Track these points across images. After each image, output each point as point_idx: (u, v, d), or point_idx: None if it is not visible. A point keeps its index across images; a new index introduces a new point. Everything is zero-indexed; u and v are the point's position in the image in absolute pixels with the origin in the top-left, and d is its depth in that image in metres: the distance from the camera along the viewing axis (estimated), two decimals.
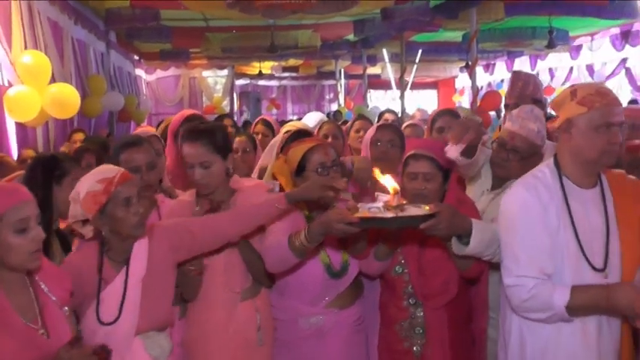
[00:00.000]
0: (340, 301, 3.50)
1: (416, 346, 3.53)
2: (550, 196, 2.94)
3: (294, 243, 3.12)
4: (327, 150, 3.44)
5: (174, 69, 21.02)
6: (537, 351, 3.02)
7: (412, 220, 2.85)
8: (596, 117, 2.83)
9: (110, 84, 12.26)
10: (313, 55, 17.64)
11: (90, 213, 2.93)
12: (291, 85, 26.53)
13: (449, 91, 26.73)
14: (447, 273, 3.45)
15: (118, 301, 3.00)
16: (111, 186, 2.92)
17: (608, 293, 2.71)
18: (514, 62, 21.07)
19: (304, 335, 3.46)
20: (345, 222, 2.87)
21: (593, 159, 2.91)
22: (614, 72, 16.23)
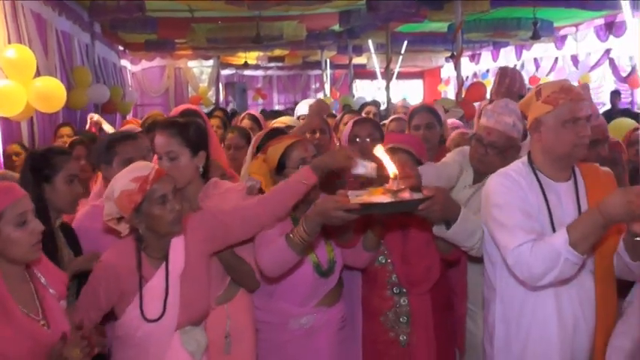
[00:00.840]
0: (328, 299, 3.51)
1: (402, 335, 3.60)
2: (527, 184, 3.02)
3: (293, 240, 3.09)
4: (307, 146, 3.46)
5: (159, 59, 20.90)
6: (520, 342, 3.08)
7: (411, 203, 2.87)
8: (561, 113, 2.92)
9: (95, 75, 12.19)
10: (299, 46, 17.62)
11: (125, 212, 2.92)
12: (277, 75, 26.50)
13: (435, 80, 26.79)
14: (429, 258, 3.53)
15: (161, 298, 3.00)
16: (146, 184, 2.90)
17: (599, 208, 2.67)
18: (500, 52, 21.16)
19: (294, 336, 3.46)
20: (343, 209, 2.86)
21: (565, 153, 2.98)
22: (598, 62, 16.38)
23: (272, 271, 3.25)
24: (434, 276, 3.60)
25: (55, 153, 3.45)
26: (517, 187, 3.01)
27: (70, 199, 3.42)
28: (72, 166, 3.44)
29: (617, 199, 2.60)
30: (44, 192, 3.35)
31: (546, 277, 2.82)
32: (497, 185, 3.08)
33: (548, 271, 2.79)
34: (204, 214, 3.26)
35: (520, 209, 2.95)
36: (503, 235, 2.96)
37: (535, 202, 3.00)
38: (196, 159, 3.39)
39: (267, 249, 3.21)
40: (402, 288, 3.60)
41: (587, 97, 3.67)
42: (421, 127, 4.75)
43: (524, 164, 3.11)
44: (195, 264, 3.12)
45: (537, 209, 2.99)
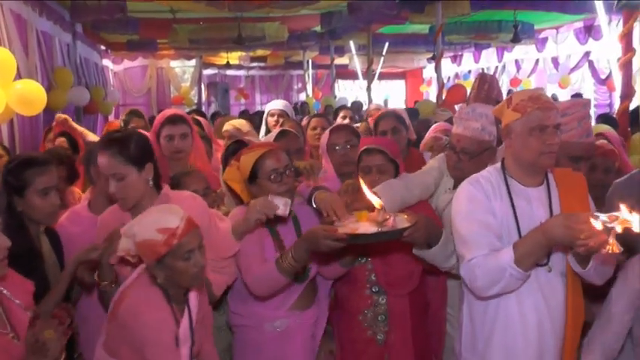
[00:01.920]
0: (301, 303, 3.58)
1: (379, 334, 3.68)
2: (494, 192, 3.09)
3: (281, 265, 3.22)
4: (279, 155, 3.46)
5: (141, 59, 20.82)
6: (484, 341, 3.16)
7: (395, 233, 2.98)
8: (529, 121, 2.97)
9: (77, 76, 12.12)
10: (281, 46, 17.61)
11: (146, 258, 2.84)
12: (260, 75, 26.44)
13: (417, 81, 26.89)
14: (410, 263, 3.59)
15: (187, 346, 2.91)
16: (173, 239, 2.78)
17: (543, 228, 2.78)
18: (481, 54, 21.30)
19: (269, 338, 3.53)
20: (332, 238, 2.99)
21: (531, 161, 3.03)
22: (577, 64, 16.53)
23: (263, 293, 3.39)
24: (414, 281, 3.68)
25: (28, 165, 3.36)
26: (482, 195, 3.08)
27: (46, 211, 3.38)
28: (46, 178, 3.37)
29: (558, 223, 2.71)
30: (17, 205, 3.33)
31: (492, 290, 2.95)
32: (463, 193, 3.15)
33: (493, 285, 2.93)
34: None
35: (479, 221, 3.03)
36: (460, 245, 3.08)
37: (500, 209, 3.05)
38: (144, 173, 3.30)
39: (257, 274, 3.30)
40: (380, 287, 3.67)
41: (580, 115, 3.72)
42: (387, 132, 4.85)
43: (497, 169, 3.17)
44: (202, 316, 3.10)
45: (503, 216, 3.04)
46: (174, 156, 4.52)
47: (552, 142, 2.96)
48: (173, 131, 4.52)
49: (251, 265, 3.33)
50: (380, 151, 3.68)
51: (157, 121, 4.65)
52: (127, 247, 2.87)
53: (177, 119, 4.58)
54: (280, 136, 4.57)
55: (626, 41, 7.56)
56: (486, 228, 3.01)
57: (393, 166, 3.71)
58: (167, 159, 4.50)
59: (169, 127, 4.54)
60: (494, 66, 21.17)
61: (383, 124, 4.91)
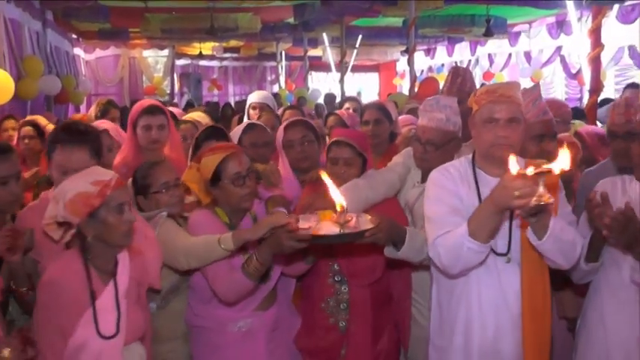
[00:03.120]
0: (264, 304, 3.59)
1: (341, 321, 3.75)
2: (462, 180, 3.15)
3: (247, 270, 3.23)
4: (241, 158, 3.43)
5: (113, 48, 20.64)
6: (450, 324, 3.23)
7: (357, 235, 3.04)
8: (482, 113, 3.05)
9: (47, 64, 12.00)
10: (254, 37, 17.56)
11: (77, 216, 2.76)
12: (233, 65, 26.29)
13: (390, 74, 26.88)
14: (374, 255, 3.62)
15: (113, 315, 2.90)
16: (107, 189, 2.77)
17: (490, 195, 2.78)
18: (454, 47, 21.36)
19: (232, 339, 3.53)
20: (295, 239, 3.04)
21: (484, 151, 3.11)
22: (549, 59, 16.66)
23: (232, 299, 3.38)
24: (376, 272, 3.73)
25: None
26: (450, 181, 3.15)
27: (6, 200, 3.29)
28: (5, 167, 3.28)
29: (499, 185, 2.70)
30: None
31: (457, 266, 3.00)
32: (432, 180, 3.23)
33: (456, 261, 2.96)
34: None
35: (446, 204, 3.09)
36: (428, 228, 3.12)
37: (466, 196, 3.11)
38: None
39: (224, 280, 3.30)
40: (343, 277, 3.74)
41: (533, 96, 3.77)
42: (370, 122, 4.92)
43: (468, 160, 3.23)
44: (135, 285, 3.08)
45: (469, 203, 3.08)
46: (151, 146, 4.49)
47: (503, 134, 2.99)
48: (151, 122, 4.51)
49: (218, 272, 3.31)
50: (348, 144, 3.72)
51: (135, 110, 4.62)
52: (53, 213, 2.81)
53: (155, 110, 4.56)
54: (248, 129, 4.55)
55: (594, 36, 7.66)
56: (453, 211, 3.06)
57: (361, 160, 3.75)
58: (142, 149, 4.48)
59: (147, 118, 4.52)
60: (467, 59, 21.23)
61: (367, 114, 5.00)
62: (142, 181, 3.60)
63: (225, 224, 3.46)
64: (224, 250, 3.18)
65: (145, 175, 3.65)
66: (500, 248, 3.08)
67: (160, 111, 4.57)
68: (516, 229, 3.08)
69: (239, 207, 3.44)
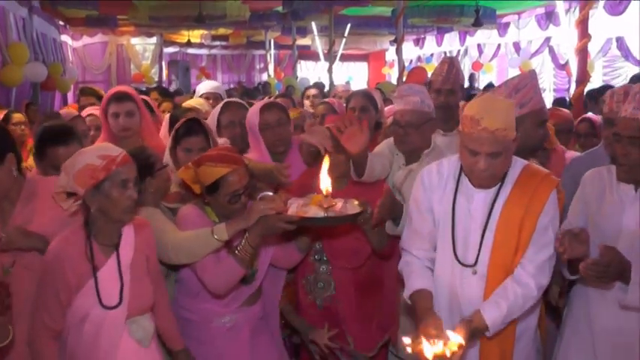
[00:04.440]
0: (249, 301, 3.65)
1: (318, 299, 3.92)
2: (440, 184, 3.18)
3: (239, 257, 3.27)
4: (242, 175, 3.39)
5: (101, 35, 20.47)
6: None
7: (344, 218, 3.14)
8: (464, 140, 2.95)
9: (33, 51, 11.91)
10: (242, 26, 17.48)
11: (82, 187, 2.88)
12: (222, 54, 26.19)
13: (380, 63, 26.88)
14: (357, 241, 3.76)
15: (116, 286, 3.02)
16: (112, 164, 2.90)
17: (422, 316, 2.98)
18: (444, 37, 21.36)
19: (218, 332, 3.59)
20: (284, 221, 3.12)
21: (465, 171, 3.09)
22: (538, 50, 16.70)
23: (221, 289, 3.40)
24: (359, 258, 3.83)
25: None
26: (425, 192, 3.19)
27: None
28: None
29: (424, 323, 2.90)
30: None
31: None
32: (416, 182, 3.27)
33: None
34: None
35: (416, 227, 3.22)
36: (405, 230, 3.30)
37: (441, 201, 3.15)
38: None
39: (213, 270, 3.31)
40: (322, 256, 3.87)
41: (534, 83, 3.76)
42: (356, 109, 4.92)
43: (459, 161, 3.16)
44: (141, 258, 3.15)
45: (442, 208, 3.14)
46: (121, 134, 4.49)
47: (482, 168, 2.93)
48: (119, 109, 4.50)
49: (206, 264, 3.32)
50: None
51: (104, 98, 4.63)
52: (63, 183, 2.93)
53: (123, 97, 4.55)
54: (225, 108, 4.53)
55: (582, 28, 7.66)
56: (417, 232, 3.21)
57: None
58: (117, 137, 4.45)
59: (115, 105, 4.52)
60: (456, 50, 21.26)
61: (353, 101, 5.01)
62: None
63: (214, 222, 3.45)
64: (217, 241, 3.21)
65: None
66: (467, 260, 3.09)
67: (129, 97, 4.56)
68: (489, 240, 3.06)
69: (228, 217, 3.41)
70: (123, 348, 3.06)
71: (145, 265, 3.18)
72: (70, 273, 2.93)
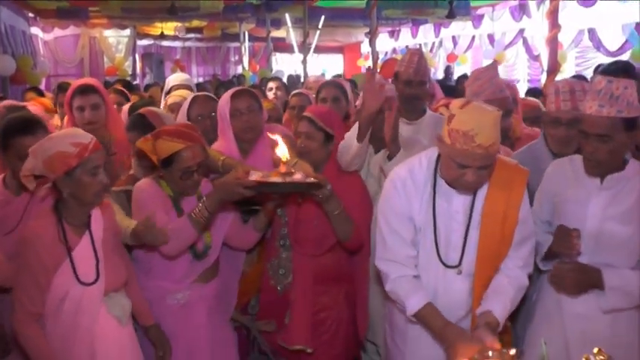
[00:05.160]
0: (204, 277, 3.68)
1: (279, 285, 3.98)
2: (417, 193, 3.11)
3: (195, 219, 3.34)
4: (196, 153, 3.45)
5: (73, 28, 20.20)
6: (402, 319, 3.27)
7: (302, 186, 3.30)
8: (453, 154, 2.86)
9: (1, 44, 11.77)
10: (216, 17, 17.40)
11: (54, 172, 2.96)
12: (196, 46, 26.03)
13: (355, 55, 26.85)
14: (322, 228, 3.80)
15: (92, 263, 3.12)
16: (85, 152, 2.98)
17: (442, 329, 2.96)
18: (419, 29, 21.39)
19: (171, 310, 3.60)
20: (242, 185, 3.23)
21: (447, 180, 3.05)
22: (512, 41, 16.81)
23: (173, 250, 3.44)
24: (322, 246, 3.86)
25: None
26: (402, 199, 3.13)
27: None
28: None
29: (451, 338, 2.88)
30: None
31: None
32: (386, 191, 3.21)
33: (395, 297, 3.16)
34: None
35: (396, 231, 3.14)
36: (378, 238, 3.24)
37: (421, 207, 3.11)
38: None
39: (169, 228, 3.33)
40: (286, 241, 3.95)
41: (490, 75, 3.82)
42: (328, 99, 4.94)
43: (431, 163, 3.14)
44: (111, 235, 3.27)
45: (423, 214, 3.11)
46: (86, 127, 4.36)
47: (468, 180, 2.90)
48: (83, 102, 4.48)
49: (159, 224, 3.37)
50: (309, 119, 3.90)
51: (69, 91, 4.58)
52: (31, 166, 2.98)
53: (87, 89, 4.52)
54: (193, 102, 4.47)
55: (552, 19, 7.71)
56: (400, 238, 3.13)
57: (322, 134, 3.87)
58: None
59: (79, 98, 4.49)
60: (431, 41, 21.33)
61: (325, 91, 5.02)
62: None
63: (169, 196, 3.55)
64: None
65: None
66: (451, 260, 3.10)
67: (93, 90, 4.53)
68: (473, 239, 3.08)
69: (181, 192, 3.55)
70: (102, 325, 3.14)
71: (113, 242, 3.28)
72: (45, 255, 3.01)
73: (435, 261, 3.10)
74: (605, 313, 3.16)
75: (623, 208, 3.15)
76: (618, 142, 3.03)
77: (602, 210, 3.18)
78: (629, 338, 3.21)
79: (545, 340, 2.49)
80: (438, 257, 3.10)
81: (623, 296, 3.11)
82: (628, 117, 3.00)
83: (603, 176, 3.18)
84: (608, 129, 3.00)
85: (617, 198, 3.17)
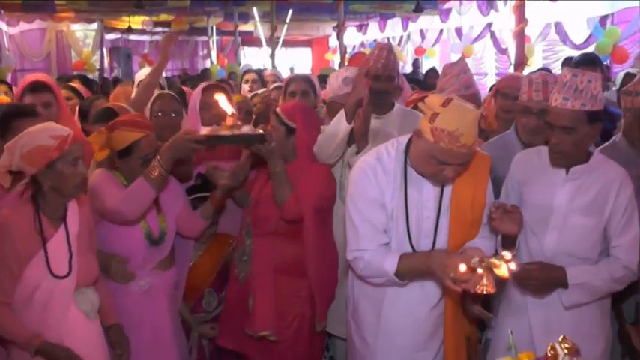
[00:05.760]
0: (162, 265, 3.83)
1: (242, 273, 4.07)
2: (388, 180, 3.12)
3: (150, 177, 3.41)
4: (152, 141, 3.61)
5: (39, 21, 19.92)
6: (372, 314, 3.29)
7: (251, 138, 3.52)
8: (435, 152, 2.89)
9: None
10: (183, 11, 17.30)
11: (34, 166, 3.00)
12: None
13: (323, 49, 26.86)
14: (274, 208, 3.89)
15: (65, 257, 3.15)
16: (65, 144, 3.02)
17: (426, 259, 2.91)
18: (386, 23, 21.43)
19: (135, 297, 3.71)
20: (192, 140, 3.37)
21: (423, 173, 3.09)
22: (480, 35, 16.90)
23: (133, 213, 3.53)
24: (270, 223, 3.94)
25: None
26: (372, 186, 3.13)
27: None
28: None
29: (439, 259, 2.83)
30: None
31: (374, 280, 3.16)
32: (356, 179, 3.19)
33: (374, 278, 3.15)
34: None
35: (368, 218, 3.13)
36: (349, 230, 3.19)
37: (392, 197, 3.13)
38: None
39: (120, 195, 3.48)
40: (249, 229, 4.04)
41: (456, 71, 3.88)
42: (297, 93, 4.94)
43: (398, 153, 3.16)
44: (86, 230, 3.31)
45: (394, 204, 3.12)
46: None
47: (447, 175, 2.95)
48: (35, 100, 4.34)
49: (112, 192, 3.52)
50: (275, 113, 4.03)
51: (19, 88, 4.48)
52: (6, 162, 3.04)
53: (39, 86, 4.41)
54: (157, 98, 4.47)
55: (519, 13, 7.81)
56: (373, 226, 3.12)
57: (284, 128, 3.95)
58: None
59: (31, 96, 4.37)
60: (399, 35, 21.39)
61: (293, 85, 5.02)
62: None
63: (124, 185, 3.62)
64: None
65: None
66: (422, 247, 3.14)
67: (45, 87, 4.43)
68: (444, 227, 3.15)
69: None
70: (71, 319, 3.16)
71: (88, 238, 3.32)
72: (19, 244, 3.03)
73: (407, 249, 3.12)
74: (567, 309, 3.23)
75: (587, 200, 3.21)
76: (582, 134, 3.09)
77: (567, 201, 3.23)
78: (591, 328, 3.28)
79: (511, 330, 2.53)
80: (410, 245, 3.12)
81: (585, 292, 3.17)
82: (591, 110, 3.05)
83: (568, 168, 3.24)
84: (572, 121, 3.05)
85: (581, 189, 3.22)
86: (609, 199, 3.18)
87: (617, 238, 3.20)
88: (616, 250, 3.21)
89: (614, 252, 3.21)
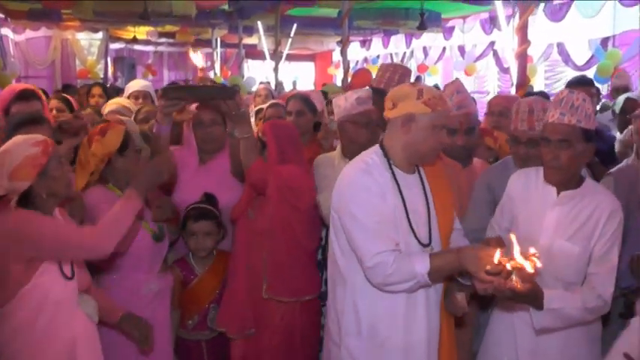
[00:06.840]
0: (164, 267, 4.05)
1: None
2: (384, 180, 3.14)
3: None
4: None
5: (45, 29, 20.09)
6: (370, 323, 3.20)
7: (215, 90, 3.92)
8: (436, 118, 3.05)
9: None
10: (189, 23, 17.36)
11: (27, 179, 2.95)
12: (168, 51, 25.87)
13: (326, 64, 26.90)
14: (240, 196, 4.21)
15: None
16: (48, 146, 3.02)
17: (457, 256, 2.91)
18: (390, 39, 21.47)
19: (147, 300, 3.86)
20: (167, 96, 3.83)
21: (424, 153, 3.15)
22: (483, 53, 16.88)
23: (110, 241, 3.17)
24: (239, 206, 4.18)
25: None
26: (376, 187, 3.10)
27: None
28: None
29: (471, 254, 2.85)
30: None
31: (397, 287, 3.05)
32: (356, 182, 3.14)
33: (401, 283, 3.01)
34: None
35: (380, 213, 3.07)
36: (360, 239, 3.08)
37: (391, 200, 3.13)
38: None
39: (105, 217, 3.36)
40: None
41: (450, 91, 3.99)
42: (292, 113, 5.10)
43: (379, 156, 3.20)
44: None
45: (394, 206, 3.12)
46: None
47: (444, 141, 3.15)
48: (24, 109, 4.30)
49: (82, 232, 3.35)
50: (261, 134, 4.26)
51: (6, 96, 4.42)
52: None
53: (28, 95, 4.40)
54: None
55: (521, 33, 7.86)
56: (386, 221, 3.07)
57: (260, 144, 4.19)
58: None
59: (20, 104, 4.34)
60: (402, 52, 21.40)
61: (290, 105, 5.19)
62: None
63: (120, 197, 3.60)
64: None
65: None
66: (423, 239, 3.17)
67: (34, 96, 4.42)
68: (434, 220, 3.21)
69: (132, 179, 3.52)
70: (78, 320, 3.18)
71: None
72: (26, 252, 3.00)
73: (412, 243, 3.12)
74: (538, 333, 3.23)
75: (574, 228, 3.23)
76: (578, 150, 3.15)
77: (554, 226, 3.26)
78: (579, 351, 3.32)
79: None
80: (416, 239, 3.12)
81: (556, 318, 3.12)
82: (585, 128, 3.14)
83: (560, 188, 3.28)
84: (569, 134, 3.13)
85: (569, 216, 3.25)
86: (597, 227, 3.21)
87: (596, 265, 3.21)
88: (593, 278, 3.20)
89: (591, 278, 3.21)
